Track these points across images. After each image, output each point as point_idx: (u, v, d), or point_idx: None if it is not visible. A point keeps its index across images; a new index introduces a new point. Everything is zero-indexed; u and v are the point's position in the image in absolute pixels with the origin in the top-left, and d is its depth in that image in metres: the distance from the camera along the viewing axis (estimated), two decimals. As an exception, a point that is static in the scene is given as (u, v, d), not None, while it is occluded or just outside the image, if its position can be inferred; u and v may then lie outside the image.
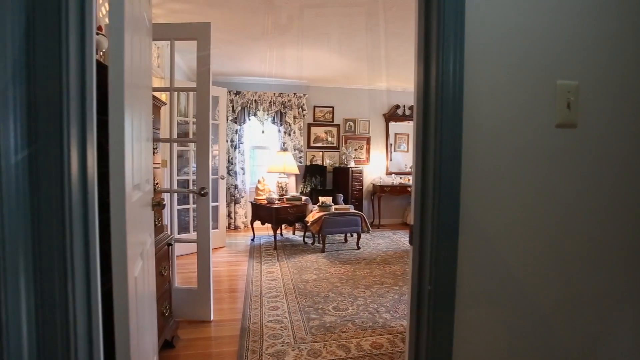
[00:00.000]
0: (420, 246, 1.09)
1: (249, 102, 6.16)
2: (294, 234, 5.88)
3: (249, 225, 5.47)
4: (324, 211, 4.79)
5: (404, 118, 7.02)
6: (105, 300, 0.94)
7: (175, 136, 3.95)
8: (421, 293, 1.10)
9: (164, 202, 2.11)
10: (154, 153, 2.02)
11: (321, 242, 4.80)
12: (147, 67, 1.60)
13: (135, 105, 1.27)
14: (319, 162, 6.68)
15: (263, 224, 5.17)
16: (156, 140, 2.09)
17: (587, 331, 1.22)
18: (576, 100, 1.13)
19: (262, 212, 5.05)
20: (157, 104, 2.08)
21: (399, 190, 6.64)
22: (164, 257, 2.14)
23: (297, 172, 5.37)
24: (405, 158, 7.11)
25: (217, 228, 5.02)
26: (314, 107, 6.66)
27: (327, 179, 6.52)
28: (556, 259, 1.19)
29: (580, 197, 1.19)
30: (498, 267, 1.16)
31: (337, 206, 5.14)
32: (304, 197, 5.40)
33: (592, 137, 1.18)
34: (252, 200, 5.36)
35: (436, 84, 1.01)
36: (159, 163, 2.13)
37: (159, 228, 2.04)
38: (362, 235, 5.34)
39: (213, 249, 5.02)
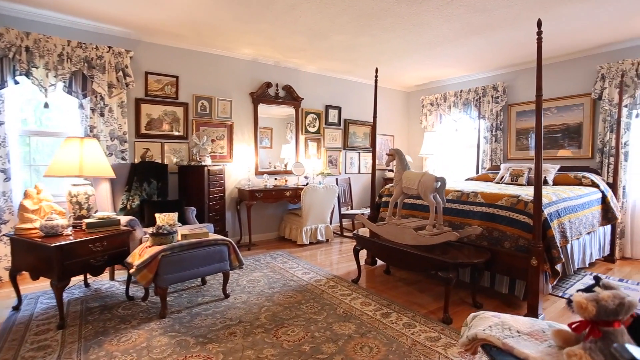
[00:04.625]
0: None
1: (14, 49, 3.41)
2: (112, 279, 3.51)
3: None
4: (161, 243, 2.71)
5: (276, 100, 5.39)
6: None
7: None
8: None
9: None
10: None
11: (160, 298, 2.70)
12: None
13: None
14: (157, 159, 4.41)
15: (35, 277, 2.69)
16: None
17: None
18: None
19: (30, 255, 2.58)
20: None
21: (275, 195, 5.00)
22: None
23: (112, 174, 3.06)
24: (269, 155, 5.49)
25: None
26: (146, 73, 4.34)
27: (169, 185, 4.32)
28: None
29: None
30: None
31: (186, 228, 3.13)
32: (125, 218, 3.15)
33: None
34: (13, 233, 2.76)
35: None
36: None
37: None
38: (230, 273, 3.50)
39: None
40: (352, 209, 6.14)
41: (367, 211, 5.52)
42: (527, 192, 3.15)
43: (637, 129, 4.35)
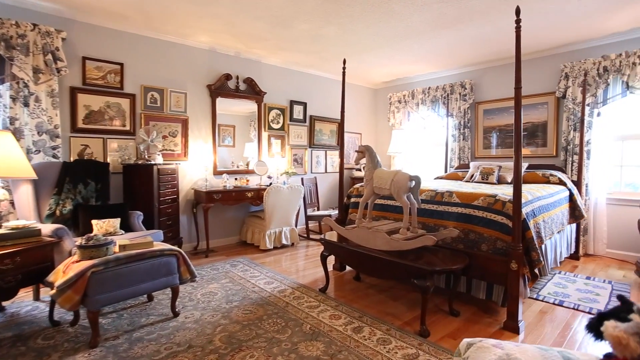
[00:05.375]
0: None
1: None
2: (37, 299, 2.96)
3: None
4: (91, 256, 2.25)
5: (236, 94, 4.98)
6: None
7: None
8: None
9: None
10: None
11: (90, 323, 2.24)
12: None
13: None
14: (99, 157, 3.87)
15: None
16: None
17: None
18: None
19: None
20: None
21: (235, 196, 4.59)
22: None
23: (32, 174, 2.55)
24: (232, 154, 5.08)
25: None
26: (84, 58, 3.79)
27: (112, 186, 3.80)
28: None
29: None
30: None
31: (127, 238, 2.67)
32: (49, 227, 2.64)
33: None
34: None
35: None
36: None
37: None
38: (183, 286, 3.10)
39: None
40: (318, 210, 5.84)
41: (335, 212, 5.25)
42: (503, 191, 3.00)
43: (598, 128, 4.39)
